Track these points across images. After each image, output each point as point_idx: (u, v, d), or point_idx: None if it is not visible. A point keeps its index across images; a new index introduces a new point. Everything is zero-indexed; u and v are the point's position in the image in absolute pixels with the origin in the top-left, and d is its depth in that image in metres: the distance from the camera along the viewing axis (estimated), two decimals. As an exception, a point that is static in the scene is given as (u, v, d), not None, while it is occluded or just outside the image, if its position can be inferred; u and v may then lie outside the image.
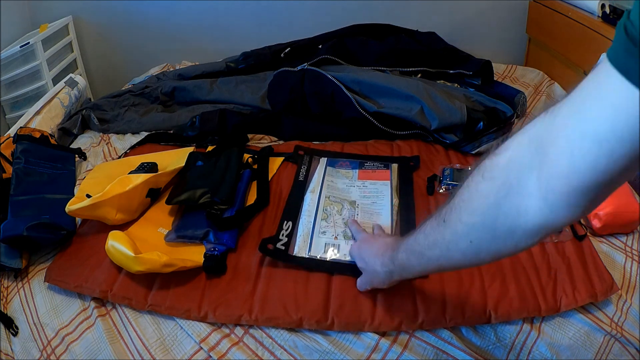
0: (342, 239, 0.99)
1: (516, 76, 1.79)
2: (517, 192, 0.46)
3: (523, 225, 0.47)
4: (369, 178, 1.17)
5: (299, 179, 1.18)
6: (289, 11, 2.04)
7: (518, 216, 0.47)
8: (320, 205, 1.08)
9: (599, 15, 1.50)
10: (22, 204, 1.07)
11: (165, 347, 0.86)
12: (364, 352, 0.83)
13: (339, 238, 0.99)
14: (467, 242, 0.54)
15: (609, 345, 0.85)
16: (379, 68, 1.55)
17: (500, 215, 0.48)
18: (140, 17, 2.10)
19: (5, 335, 0.91)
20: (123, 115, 1.56)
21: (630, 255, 0.97)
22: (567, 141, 0.40)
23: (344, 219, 1.04)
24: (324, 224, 1.03)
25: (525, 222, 0.47)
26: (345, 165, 1.22)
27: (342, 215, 1.05)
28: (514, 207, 0.47)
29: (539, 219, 0.45)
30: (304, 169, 1.21)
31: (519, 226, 0.47)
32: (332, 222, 1.03)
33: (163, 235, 1.03)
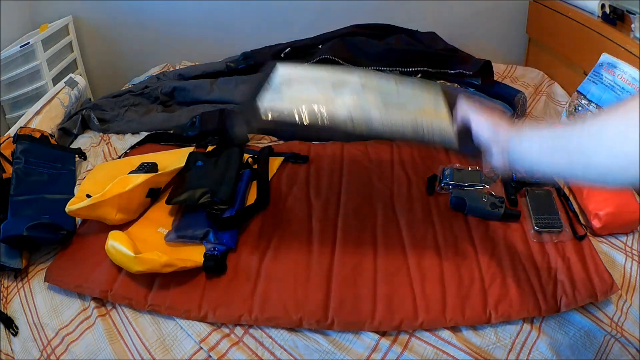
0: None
1: (516, 76, 1.79)
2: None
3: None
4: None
5: None
6: (289, 11, 2.04)
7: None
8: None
9: (599, 15, 1.50)
10: (22, 204, 1.07)
11: (165, 347, 0.86)
12: (364, 352, 0.83)
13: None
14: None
15: (609, 345, 0.85)
16: (379, 68, 1.55)
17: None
18: (140, 17, 2.09)
19: (5, 335, 0.91)
20: (123, 115, 1.56)
21: (630, 255, 0.97)
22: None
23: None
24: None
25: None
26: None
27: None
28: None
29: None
30: None
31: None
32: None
33: (163, 235, 1.03)
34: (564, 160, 0.59)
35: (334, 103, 0.83)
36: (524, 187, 1.13)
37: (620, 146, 0.50)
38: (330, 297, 0.89)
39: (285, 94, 0.86)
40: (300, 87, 0.88)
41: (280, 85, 0.89)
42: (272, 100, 0.84)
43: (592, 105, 1.31)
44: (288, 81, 0.90)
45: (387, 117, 0.82)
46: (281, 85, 0.89)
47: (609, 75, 1.28)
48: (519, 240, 0.99)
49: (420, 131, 0.81)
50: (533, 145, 0.65)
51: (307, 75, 0.95)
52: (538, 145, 0.65)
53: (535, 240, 0.99)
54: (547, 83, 1.71)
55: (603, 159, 0.53)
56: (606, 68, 1.29)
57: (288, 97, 0.86)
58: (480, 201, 1.05)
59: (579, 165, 0.57)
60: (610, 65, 1.28)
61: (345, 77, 0.93)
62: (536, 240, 0.99)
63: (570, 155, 0.58)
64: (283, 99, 0.85)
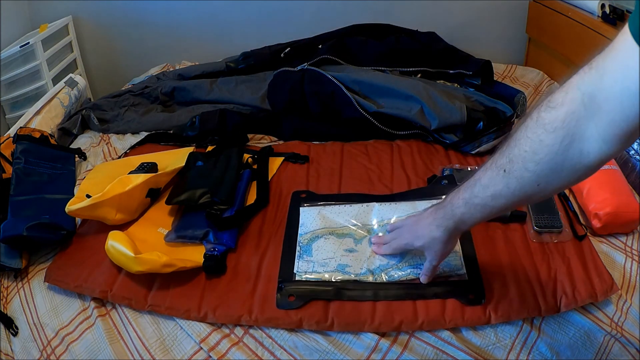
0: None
1: (516, 76, 1.79)
2: (579, 139, 0.56)
3: (586, 163, 0.58)
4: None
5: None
6: (289, 11, 2.04)
7: (581, 157, 0.57)
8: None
9: (599, 15, 1.50)
10: (22, 204, 1.07)
11: (165, 347, 0.86)
12: (364, 352, 0.83)
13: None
14: (534, 186, 0.63)
15: (609, 345, 0.85)
16: (379, 68, 1.55)
17: (566, 159, 0.58)
18: (140, 17, 2.10)
19: (5, 335, 0.91)
20: (123, 115, 1.56)
21: (630, 255, 0.97)
22: (618, 97, 0.51)
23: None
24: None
25: (587, 160, 0.57)
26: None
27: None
28: (577, 151, 0.57)
29: (599, 156, 0.56)
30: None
31: (582, 164, 0.58)
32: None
33: (163, 236, 1.03)
34: (500, 177, 0.65)
35: (358, 260, 0.95)
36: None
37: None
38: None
39: (314, 254, 0.97)
40: (325, 247, 0.98)
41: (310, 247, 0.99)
42: (304, 264, 0.95)
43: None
44: (314, 239, 1.00)
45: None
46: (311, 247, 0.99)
47: (609, 75, 1.27)
48: (519, 240, 0.99)
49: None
50: (468, 208, 0.73)
51: (329, 224, 1.04)
52: (469, 207, 0.72)
53: (535, 240, 0.99)
54: (547, 83, 1.71)
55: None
56: (606, 68, 1.29)
57: (317, 258, 0.96)
58: None
59: (514, 176, 0.63)
60: (610, 65, 1.28)
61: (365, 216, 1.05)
62: (536, 240, 0.99)
63: (503, 170, 0.65)
64: (314, 260, 0.96)
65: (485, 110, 1.36)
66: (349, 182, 1.19)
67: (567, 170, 0.59)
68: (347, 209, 1.07)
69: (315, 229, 1.02)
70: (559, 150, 0.58)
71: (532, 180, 0.62)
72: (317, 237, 1.00)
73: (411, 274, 0.91)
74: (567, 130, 0.57)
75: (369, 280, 0.90)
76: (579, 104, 0.56)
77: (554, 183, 0.62)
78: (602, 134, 0.54)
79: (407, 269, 0.91)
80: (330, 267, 0.93)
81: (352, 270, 0.92)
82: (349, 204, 1.08)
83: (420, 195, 1.10)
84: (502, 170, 0.64)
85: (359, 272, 0.92)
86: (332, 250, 0.97)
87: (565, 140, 0.57)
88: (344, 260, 0.95)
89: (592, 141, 0.55)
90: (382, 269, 0.92)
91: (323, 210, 1.07)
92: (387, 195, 1.12)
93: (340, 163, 1.27)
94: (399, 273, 0.91)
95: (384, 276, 0.91)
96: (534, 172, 0.61)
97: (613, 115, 0.52)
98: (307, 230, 1.02)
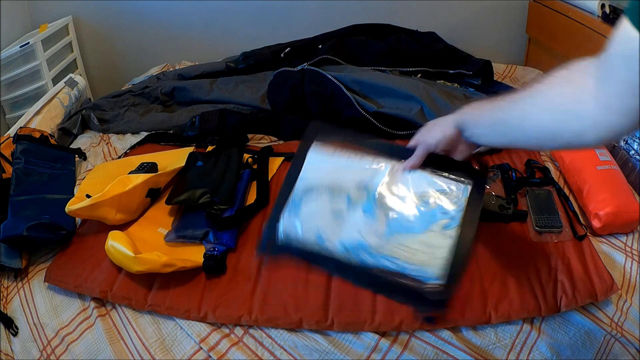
0: None
1: (516, 76, 1.79)
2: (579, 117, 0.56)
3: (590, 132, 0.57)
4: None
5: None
6: (289, 11, 2.04)
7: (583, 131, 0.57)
8: None
9: (599, 15, 1.50)
10: (22, 204, 1.07)
11: (165, 347, 0.86)
12: (364, 352, 0.83)
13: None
14: (532, 141, 0.67)
15: (609, 345, 0.85)
16: (379, 68, 1.55)
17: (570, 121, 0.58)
18: (140, 17, 2.09)
19: (5, 335, 0.91)
20: (123, 115, 1.56)
21: (630, 255, 0.97)
22: (623, 82, 0.50)
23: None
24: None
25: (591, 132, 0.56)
26: None
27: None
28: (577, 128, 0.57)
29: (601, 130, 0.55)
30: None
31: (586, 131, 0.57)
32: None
33: (163, 235, 1.03)
34: (503, 130, 0.69)
35: (341, 230, 0.85)
36: (524, 186, 1.13)
37: (546, 121, 0.60)
38: (330, 297, 0.89)
39: (302, 211, 0.88)
40: (315, 204, 0.89)
41: (300, 199, 0.90)
42: (290, 220, 0.87)
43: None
44: (309, 190, 0.91)
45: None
46: (301, 198, 0.90)
47: (609, 75, 1.27)
48: (519, 240, 0.99)
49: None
50: (477, 121, 0.75)
51: (330, 178, 0.92)
52: (481, 121, 0.74)
53: (535, 240, 0.99)
54: (547, 83, 1.70)
55: (535, 130, 0.63)
56: (606, 68, 1.29)
57: (303, 216, 0.87)
58: (488, 204, 1.04)
59: (518, 135, 0.66)
60: (610, 65, 1.28)
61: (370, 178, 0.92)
62: (536, 240, 0.99)
63: (509, 127, 0.67)
64: (299, 218, 0.87)
65: (485, 110, 1.36)
66: (349, 182, 1.19)
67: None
68: (359, 164, 0.93)
69: (313, 181, 0.92)
70: (566, 109, 0.58)
71: (531, 137, 0.65)
72: (311, 190, 0.90)
73: (384, 265, 0.81)
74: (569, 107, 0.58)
75: (340, 259, 0.82)
76: (589, 85, 0.55)
77: (550, 146, 0.65)
78: (604, 110, 0.54)
79: (380, 259, 0.82)
80: (310, 235, 0.84)
81: (329, 245, 0.83)
82: (365, 155, 0.94)
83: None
84: (510, 102, 0.66)
85: (335, 249, 0.83)
86: (320, 211, 0.88)
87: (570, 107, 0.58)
88: (325, 226, 0.85)
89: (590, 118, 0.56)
90: (358, 249, 0.82)
91: (332, 160, 0.94)
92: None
93: (340, 163, 1.27)
94: (370, 260, 0.82)
95: (355, 258, 0.82)
96: (529, 136, 0.65)
97: (616, 97, 0.52)
98: (306, 179, 0.92)
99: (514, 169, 1.19)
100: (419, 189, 0.88)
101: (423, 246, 0.83)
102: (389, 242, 0.84)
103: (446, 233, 0.83)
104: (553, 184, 1.14)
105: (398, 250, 0.83)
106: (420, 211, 0.86)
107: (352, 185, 0.90)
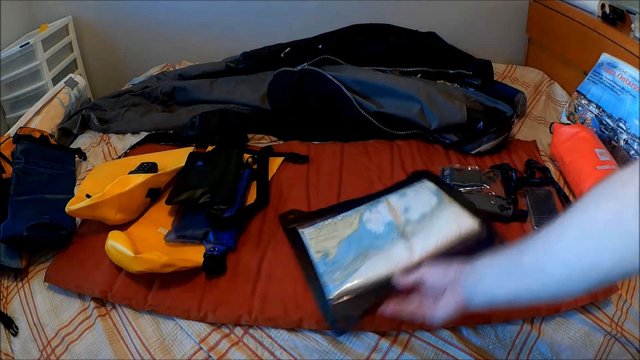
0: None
1: (516, 76, 1.79)
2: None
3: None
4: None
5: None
6: (289, 11, 2.04)
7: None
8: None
9: (599, 15, 1.50)
10: (22, 204, 1.07)
11: (165, 347, 0.86)
12: (364, 352, 0.83)
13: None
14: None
15: (609, 345, 0.85)
16: (379, 68, 1.55)
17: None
18: (140, 17, 2.09)
19: (5, 335, 0.91)
20: (123, 115, 1.56)
21: (630, 255, 0.97)
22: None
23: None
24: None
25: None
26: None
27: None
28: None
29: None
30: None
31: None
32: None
33: (163, 235, 1.03)
34: (519, 279, 0.56)
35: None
36: (524, 186, 1.13)
37: (575, 254, 0.49)
38: (330, 297, 0.89)
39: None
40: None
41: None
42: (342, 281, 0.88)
43: (592, 105, 1.31)
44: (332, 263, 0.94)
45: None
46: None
47: (609, 75, 1.28)
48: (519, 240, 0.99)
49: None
50: (487, 271, 0.62)
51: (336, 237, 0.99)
52: (493, 269, 0.61)
53: (535, 240, 0.99)
54: (547, 83, 1.71)
55: (559, 269, 0.51)
56: (606, 68, 1.29)
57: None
58: (489, 204, 1.04)
59: (536, 282, 0.54)
60: (610, 65, 1.28)
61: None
62: (536, 240, 0.99)
63: (525, 273, 0.55)
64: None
65: (485, 110, 1.36)
66: (349, 182, 1.19)
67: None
68: (341, 220, 1.03)
69: (322, 246, 0.98)
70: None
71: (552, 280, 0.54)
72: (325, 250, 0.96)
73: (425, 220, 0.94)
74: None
75: (395, 236, 0.92)
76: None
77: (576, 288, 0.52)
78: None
79: (420, 217, 0.95)
80: (354, 255, 0.90)
81: (374, 227, 0.95)
82: (340, 213, 1.04)
83: (394, 189, 1.07)
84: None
85: (381, 232, 0.94)
86: (343, 246, 0.94)
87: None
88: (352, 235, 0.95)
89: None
90: (399, 225, 0.94)
91: (320, 229, 1.03)
92: (367, 196, 1.08)
93: (340, 163, 1.27)
94: (418, 227, 0.93)
95: (406, 230, 0.93)
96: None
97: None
98: (316, 247, 0.98)
99: (514, 169, 1.19)
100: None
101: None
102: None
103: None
104: (553, 184, 1.14)
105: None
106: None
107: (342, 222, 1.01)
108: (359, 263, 0.89)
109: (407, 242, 0.91)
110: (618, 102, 1.23)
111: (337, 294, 0.85)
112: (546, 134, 1.38)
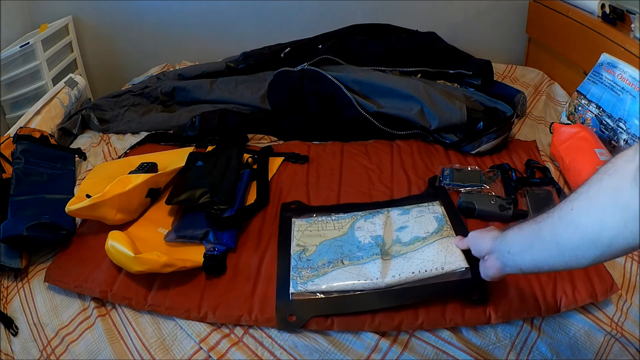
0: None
1: (516, 76, 1.79)
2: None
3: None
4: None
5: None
6: (289, 11, 2.04)
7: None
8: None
9: (599, 15, 1.50)
10: (22, 204, 1.07)
11: (165, 347, 0.86)
12: (364, 352, 0.83)
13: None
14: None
15: (609, 345, 0.85)
16: (379, 68, 1.55)
17: None
18: (140, 17, 2.10)
19: (5, 335, 0.91)
20: (123, 115, 1.56)
21: (630, 255, 0.97)
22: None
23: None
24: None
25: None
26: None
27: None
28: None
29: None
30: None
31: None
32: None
33: (163, 236, 1.03)
34: (540, 248, 0.63)
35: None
36: (524, 186, 1.13)
37: (583, 225, 0.55)
38: (330, 297, 0.89)
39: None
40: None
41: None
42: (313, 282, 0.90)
43: (592, 105, 1.31)
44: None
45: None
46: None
47: (609, 75, 1.28)
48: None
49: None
50: (515, 240, 0.69)
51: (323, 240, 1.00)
52: (518, 240, 0.69)
53: (535, 240, 0.99)
54: (547, 83, 1.71)
55: (571, 238, 0.57)
56: (606, 68, 1.29)
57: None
58: (489, 204, 1.04)
59: (554, 251, 0.60)
60: (610, 65, 1.28)
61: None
62: (536, 240, 0.99)
63: (545, 243, 0.62)
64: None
65: (485, 110, 1.36)
66: (348, 182, 1.19)
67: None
68: (334, 221, 1.05)
69: (304, 241, 1.00)
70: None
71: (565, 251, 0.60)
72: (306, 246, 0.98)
73: (415, 244, 0.93)
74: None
75: (376, 253, 0.92)
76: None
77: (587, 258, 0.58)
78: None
79: (411, 240, 0.94)
80: (327, 261, 0.92)
81: (361, 237, 0.96)
82: (336, 214, 1.06)
83: (401, 203, 1.09)
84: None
85: (366, 244, 0.94)
86: (323, 247, 0.96)
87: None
88: (334, 245, 0.96)
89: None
90: (387, 242, 0.94)
91: (310, 223, 1.05)
92: (372, 203, 1.10)
93: (340, 163, 1.27)
94: (404, 249, 0.93)
95: (391, 249, 0.93)
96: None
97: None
98: (298, 240, 1.00)
99: (514, 169, 1.19)
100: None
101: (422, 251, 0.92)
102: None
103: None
104: (553, 184, 1.14)
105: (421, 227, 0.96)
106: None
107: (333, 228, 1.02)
108: (330, 268, 0.91)
109: (384, 262, 0.90)
110: (618, 102, 1.23)
111: (298, 291, 0.88)
112: (546, 134, 1.38)
